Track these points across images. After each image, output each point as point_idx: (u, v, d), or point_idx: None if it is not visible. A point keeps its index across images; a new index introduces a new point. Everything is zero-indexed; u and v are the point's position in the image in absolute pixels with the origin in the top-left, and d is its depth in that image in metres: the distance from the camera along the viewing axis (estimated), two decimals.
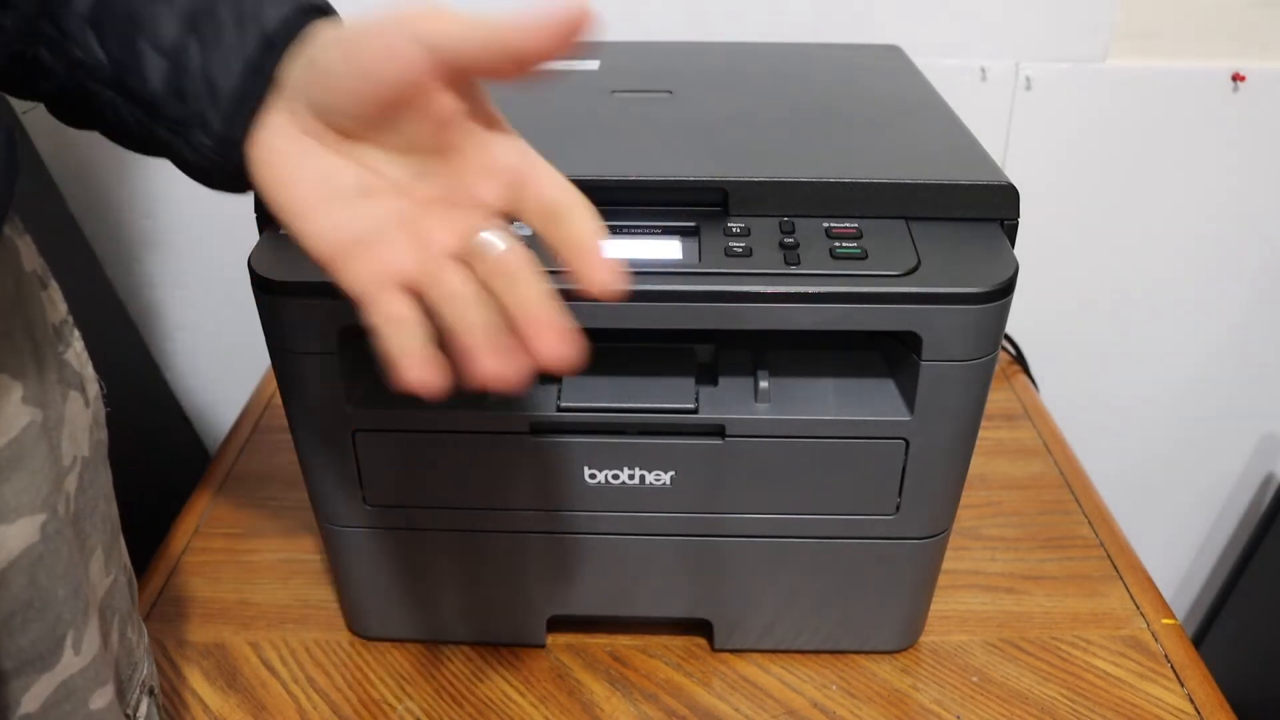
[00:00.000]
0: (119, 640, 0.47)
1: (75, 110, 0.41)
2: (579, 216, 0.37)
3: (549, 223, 0.38)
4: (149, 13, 0.38)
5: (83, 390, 0.44)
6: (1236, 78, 0.91)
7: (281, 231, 0.51)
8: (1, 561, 0.37)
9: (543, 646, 0.64)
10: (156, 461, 0.99)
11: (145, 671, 0.50)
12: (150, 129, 0.39)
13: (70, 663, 0.41)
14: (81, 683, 0.42)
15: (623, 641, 0.65)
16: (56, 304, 0.44)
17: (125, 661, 0.48)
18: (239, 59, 0.38)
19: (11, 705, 0.40)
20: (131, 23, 0.38)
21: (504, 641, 0.64)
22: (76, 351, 0.44)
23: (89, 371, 0.45)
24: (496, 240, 0.37)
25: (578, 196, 0.38)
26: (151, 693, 0.51)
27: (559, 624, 0.64)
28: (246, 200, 0.53)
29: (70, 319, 0.45)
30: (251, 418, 0.87)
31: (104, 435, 0.46)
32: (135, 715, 0.49)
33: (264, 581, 0.70)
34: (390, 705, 0.61)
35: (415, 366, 0.38)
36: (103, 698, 0.43)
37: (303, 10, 0.39)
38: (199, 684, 0.62)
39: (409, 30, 0.35)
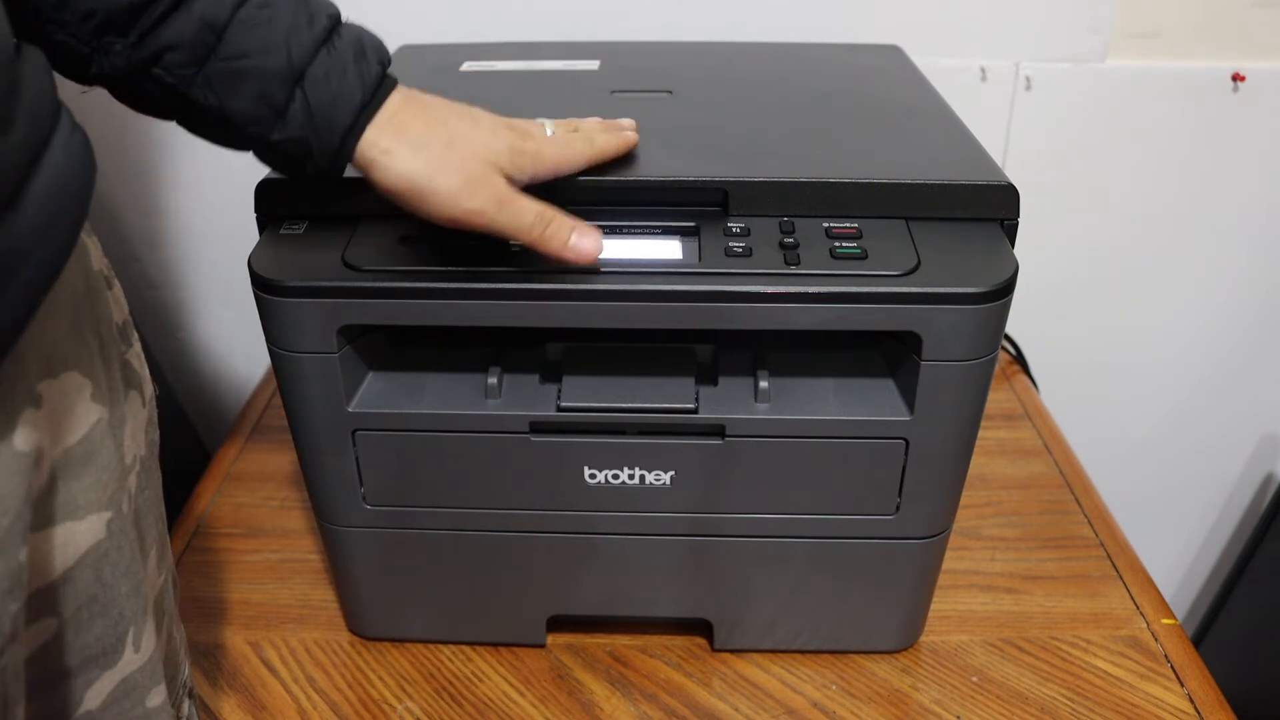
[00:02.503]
0: (166, 640, 0.47)
1: (154, 110, 0.44)
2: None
3: None
4: (258, 73, 0.42)
5: (141, 391, 0.45)
6: (1236, 78, 0.91)
7: (282, 231, 0.51)
8: (71, 558, 0.38)
9: (543, 646, 0.64)
10: None
11: (186, 673, 0.51)
12: (245, 146, 0.45)
13: (130, 660, 0.41)
14: (140, 680, 0.42)
15: (623, 641, 0.65)
16: (120, 304, 0.44)
17: (171, 661, 0.48)
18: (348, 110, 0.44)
19: (74, 703, 0.40)
20: (241, 78, 0.42)
21: (504, 641, 0.64)
22: (137, 352, 0.45)
23: (146, 373, 0.46)
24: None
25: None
26: (191, 694, 0.51)
27: (559, 624, 0.64)
28: (247, 200, 0.53)
29: (131, 320, 0.45)
30: (251, 418, 0.87)
31: (157, 436, 0.47)
32: (180, 715, 0.49)
33: (264, 581, 0.70)
34: (390, 705, 0.61)
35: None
36: (158, 696, 0.44)
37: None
38: (199, 684, 0.62)
39: None
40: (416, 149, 0.45)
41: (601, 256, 0.49)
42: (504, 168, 0.46)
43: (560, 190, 0.52)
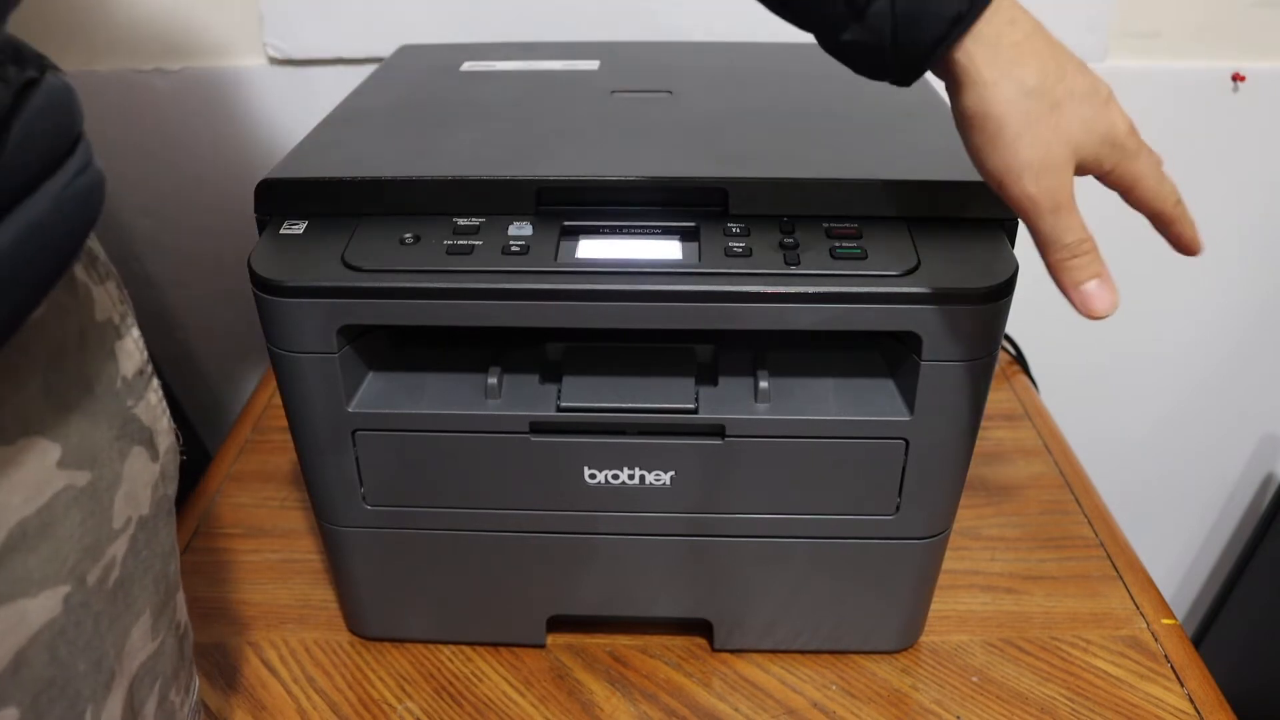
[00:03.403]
0: (157, 705, 0.44)
1: None
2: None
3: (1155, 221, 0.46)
4: None
5: (151, 445, 0.41)
6: (1236, 78, 0.91)
7: (282, 231, 0.51)
8: (22, 638, 0.34)
9: (543, 646, 0.64)
10: None
11: None
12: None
13: None
14: None
15: (623, 641, 0.65)
16: (133, 355, 0.41)
17: None
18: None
19: None
20: None
21: (504, 641, 0.64)
22: (150, 404, 0.42)
23: (162, 424, 0.42)
24: None
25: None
26: None
27: (559, 624, 0.64)
28: (247, 200, 0.53)
29: (149, 369, 0.42)
30: (251, 418, 0.87)
31: (171, 490, 0.43)
32: None
33: (264, 581, 0.70)
34: (390, 705, 0.61)
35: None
36: None
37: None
38: (199, 684, 0.62)
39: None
40: (1024, 94, 0.40)
41: (601, 257, 0.49)
42: (1083, 157, 0.41)
43: (556, 189, 0.52)
